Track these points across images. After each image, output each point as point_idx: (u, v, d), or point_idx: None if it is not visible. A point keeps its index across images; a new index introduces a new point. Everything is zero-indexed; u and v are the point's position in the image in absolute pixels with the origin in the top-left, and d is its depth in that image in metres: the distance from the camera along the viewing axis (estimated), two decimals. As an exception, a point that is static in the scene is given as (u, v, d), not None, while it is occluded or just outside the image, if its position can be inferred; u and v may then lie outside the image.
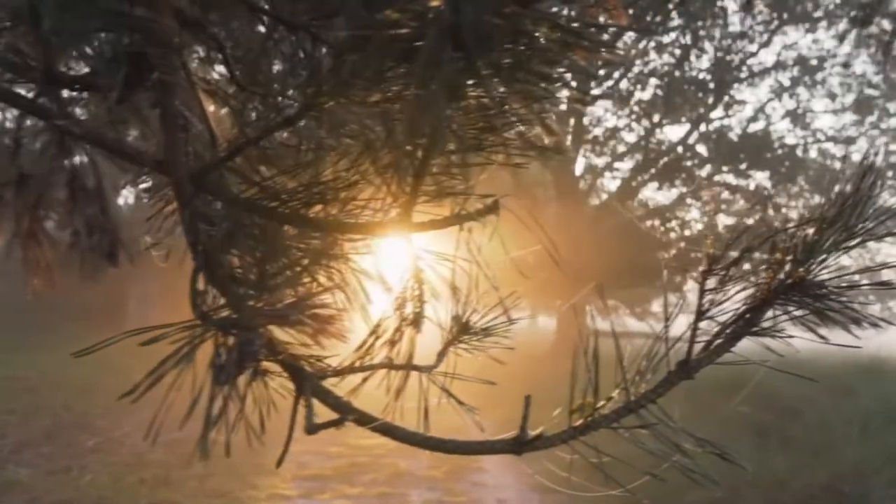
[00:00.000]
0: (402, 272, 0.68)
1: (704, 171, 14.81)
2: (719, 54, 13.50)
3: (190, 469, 5.21)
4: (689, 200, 15.18)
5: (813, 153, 14.51)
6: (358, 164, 0.70)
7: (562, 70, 0.49)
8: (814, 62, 13.61)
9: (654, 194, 15.92)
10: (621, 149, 15.61)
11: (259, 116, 0.76)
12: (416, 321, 0.66)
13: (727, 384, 7.26)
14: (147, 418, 0.70)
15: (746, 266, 0.72)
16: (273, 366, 0.67)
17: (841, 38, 13.44)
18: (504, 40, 0.37)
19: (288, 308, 0.58)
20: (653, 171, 14.61)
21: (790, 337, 0.74)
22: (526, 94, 0.52)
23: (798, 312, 0.70)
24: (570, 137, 14.77)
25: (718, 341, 0.70)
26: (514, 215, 0.69)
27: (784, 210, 14.13)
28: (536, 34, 0.38)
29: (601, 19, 0.55)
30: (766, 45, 13.70)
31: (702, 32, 13.10)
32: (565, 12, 0.48)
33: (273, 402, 0.69)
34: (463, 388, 0.81)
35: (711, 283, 0.68)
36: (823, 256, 0.68)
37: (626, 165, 15.69)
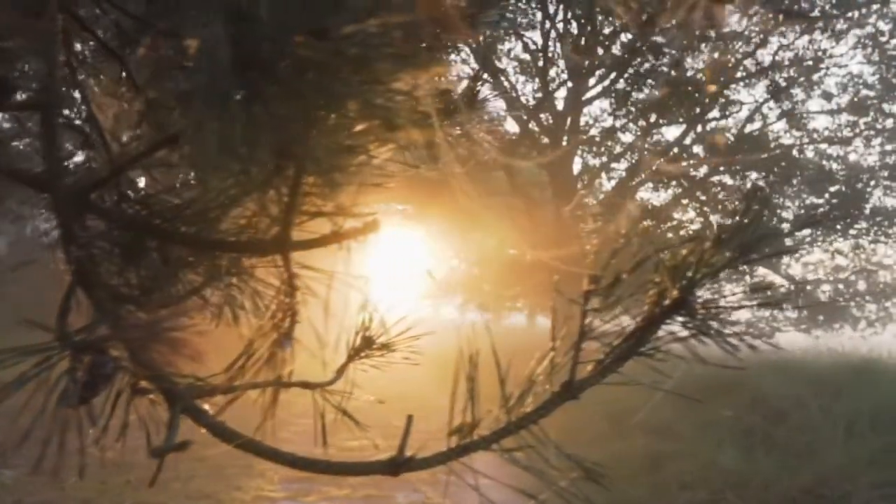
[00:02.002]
0: (279, 291, 0.67)
1: (701, 172, 14.81)
2: (715, 55, 13.48)
3: (175, 471, 5.21)
4: (684, 201, 15.17)
5: (809, 153, 14.50)
6: (239, 183, 0.69)
7: (398, 91, 0.48)
8: (809, 62, 13.59)
9: (649, 195, 15.90)
10: (618, 149, 15.62)
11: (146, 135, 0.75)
12: (281, 340, 0.65)
13: (715, 386, 7.26)
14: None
15: (634, 285, 0.71)
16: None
17: (837, 38, 13.44)
18: (294, 67, 0.36)
19: (139, 329, 0.57)
20: (649, 171, 14.59)
21: (680, 358, 0.73)
22: (369, 115, 0.51)
23: (683, 333, 0.69)
24: (565, 137, 14.77)
25: (606, 361, 0.69)
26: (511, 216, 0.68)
27: (680, 223, 14.20)
28: (327, 61, 0.37)
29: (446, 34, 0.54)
30: (762, 45, 13.69)
31: (697, 32, 13.07)
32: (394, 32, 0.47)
33: (161, 419, 0.68)
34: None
35: (594, 303, 0.67)
36: (704, 276, 0.67)
37: (622, 166, 15.70)
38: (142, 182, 0.74)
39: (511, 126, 15.33)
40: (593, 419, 6.56)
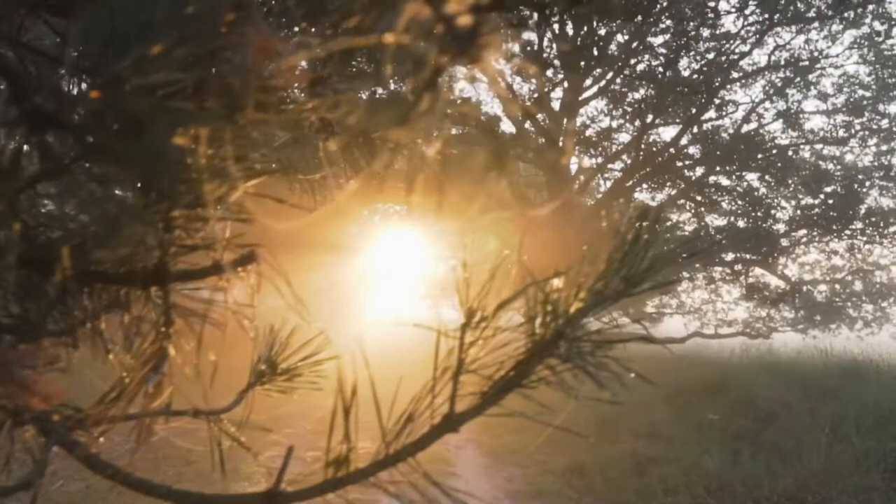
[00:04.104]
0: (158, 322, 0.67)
1: (697, 173, 14.79)
2: (710, 55, 13.47)
3: (162, 474, 5.21)
4: (680, 201, 15.15)
5: (805, 154, 14.48)
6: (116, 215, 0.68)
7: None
8: (805, 63, 13.57)
9: (645, 196, 15.88)
10: (614, 149, 15.60)
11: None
12: (148, 374, 0.65)
13: (709, 389, 7.25)
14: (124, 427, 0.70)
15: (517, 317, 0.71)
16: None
17: (833, 38, 13.42)
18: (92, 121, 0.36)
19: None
20: (644, 171, 14.58)
21: (569, 389, 0.73)
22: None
23: (562, 367, 0.69)
24: (562, 138, 14.75)
25: (487, 394, 0.68)
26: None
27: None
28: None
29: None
30: (757, 45, 13.67)
31: (692, 33, 13.06)
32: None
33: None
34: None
35: (470, 336, 0.67)
36: (583, 312, 0.67)
37: (618, 166, 15.68)
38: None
39: (507, 126, 15.33)
40: (582, 422, 6.56)
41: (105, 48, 0.40)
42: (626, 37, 13.64)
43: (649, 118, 14.16)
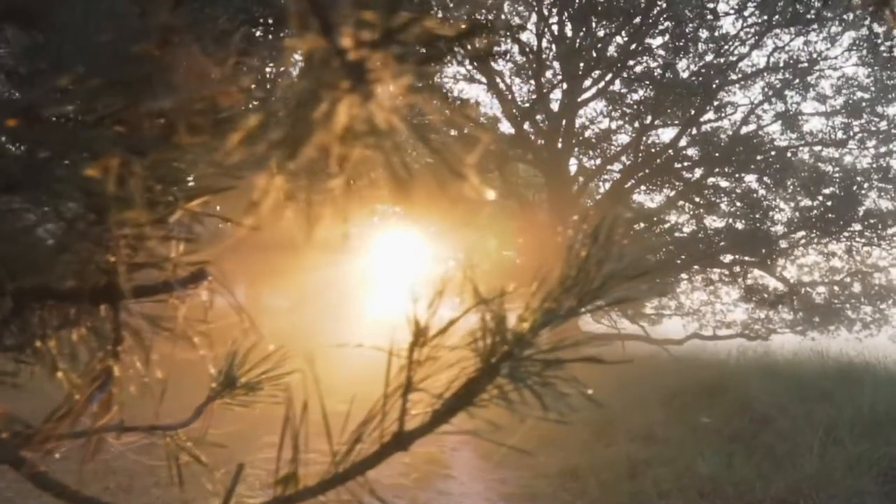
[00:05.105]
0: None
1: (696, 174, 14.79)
2: (709, 57, 13.47)
3: (155, 476, 5.21)
4: (679, 203, 15.15)
5: (804, 155, 14.47)
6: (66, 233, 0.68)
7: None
8: (804, 64, 13.57)
9: (643, 197, 15.90)
10: (613, 150, 15.59)
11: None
12: (94, 392, 0.65)
13: (705, 391, 7.22)
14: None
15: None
16: None
17: (832, 40, 13.41)
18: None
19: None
20: (643, 173, 14.58)
21: (515, 409, 0.72)
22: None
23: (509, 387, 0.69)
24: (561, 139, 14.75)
25: (438, 412, 0.68)
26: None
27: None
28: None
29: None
30: (756, 47, 13.66)
31: (690, 34, 13.05)
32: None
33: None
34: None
35: (419, 354, 0.67)
36: (530, 330, 0.67)
37: (617, 167, 15.67)
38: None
39: (506, 127, 15.32)
40: (577, 425, 6.55)
41: (23, 77, 0.40)
42: (626, 38, 13.63)
43: (648, 120, 14.15)
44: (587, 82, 14.46)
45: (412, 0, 0.35)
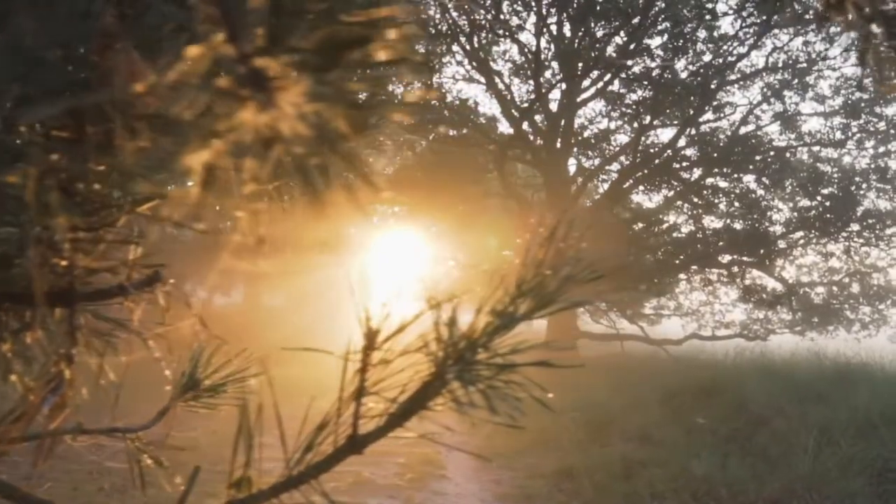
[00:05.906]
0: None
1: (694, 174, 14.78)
2: (707, 57, 13.46)
3: (151, 475, 5.21)
4: (677, 203, 15.14)
5: (803, 156, 14.46)
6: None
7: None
8: (803, 65, 13.56)
9: (641, 198, 15.89)
10: (612, 150, 15.59)
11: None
12: (47, 395, 0.65)
13: (702, 392, 7.20)
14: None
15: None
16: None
17: (831, 40, 13.40)
18: None
19: None
20: (641, 173, 14.57)
21: (465, 412, 0.72)
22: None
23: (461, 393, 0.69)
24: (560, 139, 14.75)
25: (393, 415, 0.68)
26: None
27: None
28: None
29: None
30: (755, 47, 13.65)
31: (689, 35, 13.05)
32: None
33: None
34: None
35: (373, 358, 0.67)
36: (483, 334, 0.67)
37: (616, 167, 15.67)
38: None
39: (505, 127, 15.33)
40: (572, 426, 6.55)
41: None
42: (624, 38, 13.63)
43: (647, 120, 14.15)
44: (586, 82, 14.47)
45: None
